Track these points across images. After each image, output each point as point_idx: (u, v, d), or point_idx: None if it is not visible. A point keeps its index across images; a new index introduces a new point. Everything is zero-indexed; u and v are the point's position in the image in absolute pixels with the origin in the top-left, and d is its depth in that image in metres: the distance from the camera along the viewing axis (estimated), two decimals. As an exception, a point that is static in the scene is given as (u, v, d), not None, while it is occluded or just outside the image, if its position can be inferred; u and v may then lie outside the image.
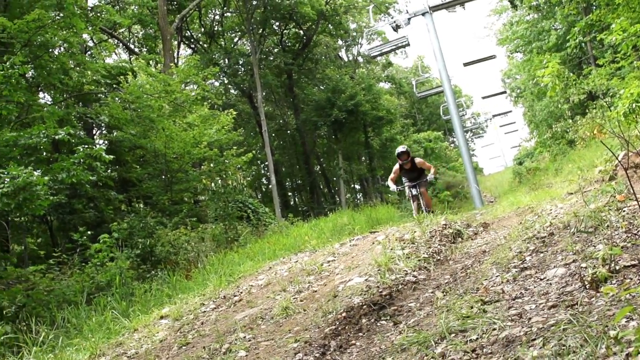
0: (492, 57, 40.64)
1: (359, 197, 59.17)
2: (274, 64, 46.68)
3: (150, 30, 39.12)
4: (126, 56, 40.04)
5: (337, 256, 9.41)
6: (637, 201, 5.40)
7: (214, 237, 18.80)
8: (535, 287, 4.98)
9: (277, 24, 45.83)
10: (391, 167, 16.04)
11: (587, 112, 28.05)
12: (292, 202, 55.95)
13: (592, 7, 28.14)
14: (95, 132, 31.37)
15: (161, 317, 8.50)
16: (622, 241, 5.39)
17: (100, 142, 29.49)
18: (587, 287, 4.46)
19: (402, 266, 7.19)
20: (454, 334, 4.31)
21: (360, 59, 56.50)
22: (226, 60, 44.44)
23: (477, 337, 4.08)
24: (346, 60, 56.18)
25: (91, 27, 23.48)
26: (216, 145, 24.64)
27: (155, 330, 7.78)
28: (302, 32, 47.02)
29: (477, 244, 8.24)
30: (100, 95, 25.80)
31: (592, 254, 5.14)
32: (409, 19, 33.13)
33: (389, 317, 5.59)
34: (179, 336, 7.14)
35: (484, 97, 56.97)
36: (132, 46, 39.99)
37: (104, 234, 15.67)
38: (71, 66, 22.98)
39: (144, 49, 40.19)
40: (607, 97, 24.61)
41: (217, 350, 5.98)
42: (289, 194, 56.13)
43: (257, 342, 5.98)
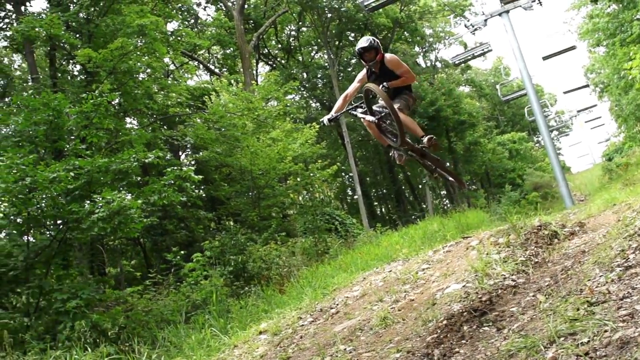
0: (573, 47, 39.65)
1: (445, 203, 58.61)
2: (353, 74, 46.69)
3: (228, 50, 39.72)
4: (207, 77, 40.73)
5: (432, 264, 9.30)
6: None
7: (304, 250, 18.85)
8: (643, 285, 4.82)
9: (353, 35, 45.83)
10: (477, 172, 14.33)
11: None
12: (379, 212, 55.78)
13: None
14: (181, 153, 31.98)
15: (260, 333, 8.54)
16: None
17: (187, 163, 30.03)
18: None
19: (500, 270, 7.06)
20: (563, 338, 4.19)
21: (438, 64, 56.07)
22: (305, 74, 44.72)
23: (589, 340, 3.96)
24: (424, 66, 55.80)
25: (172, 51, 23.95)
26: (300, 159, 24.75)
27: (255, 345, 7.82)
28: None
29: (575, 244, 8.02)
30: (184, 116, 26.27)
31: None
32: (486, 20, 32.72)
33: (491, 323, 5.48)
34: (279, 351, 7.16)
35: (566, 92, 55.62)
36: (212, 67, 40.63)
37: (196, 253, 15.89)
38: (155, 90, 23.49)
39: (224, 69, 40.82)
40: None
41: (319, 363, 5.98)
42: (375, 203, 55.99)
43: (359, 353, 5.95)
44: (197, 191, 19.85)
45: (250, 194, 23.91)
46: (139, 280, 19.31)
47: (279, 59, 46.27)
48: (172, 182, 14.02)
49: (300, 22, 44.77)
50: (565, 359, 3.83)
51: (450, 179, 8.22)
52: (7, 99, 26.58)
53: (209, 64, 40.51)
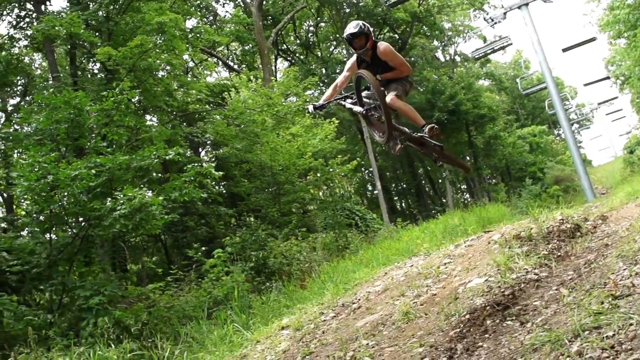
0: (593, 39, 39.34)
1: (466, 197, 58.40)
2: (371, 69, 46.54)
3: (247, 46, 39.80)
4: (226, 73, 40.84)
5: (453, 258, 9.27)
6: None
7: (325, 246, 18.85)
8: (669, 278, 4.78)
9: (372, 30, 45.69)
10: (498, 165, 13.75)
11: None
12: (399, 207, 55.69)
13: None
14: (201, 150, 32.09)
15: (282, 328, 8.54)
16: None
17: (207, 160, 30.12)
18: None
19: (522, 264, 7.01)
20: (587, 331, 4.17)
21: (457, 58, 55.89)
22: (323, 69, 44.65)
23: (614, 334, 3.93)
24: (443, 60, 55.61)
25: (191, 48, 24.01)
26: (320, 154, 24.76)
27: (277, 341, 7.83)
28: (397, 36, 46.78)
29: (597, 238, 7.96)
30: (204, 113, 26.34)
31: None
32: (505, 13, 32.57)
33: (514, 317, 5.45)
34: (301, 346, 7.16)
35: (586, 84, 55.13)
36: (231, 63, 40.75)
37: (216, 249, 15.92)
38: (175, 87, 23.58)
39: (243, 65, 40.92)
40: None
41: (341, 358, 5.98)
42: (395, 198, 55.87)
43: (381, 348, 5.95)
44: (218, 187, 19.90)
45: (270, 189, 23.95)
46: (161, 276, 19.38)
47: (297, 55, 46.29)
48: (193, 178, 14.06)
49: (318, 18, 44.75)
50: (590, 352, 3.81)
51: (455, 165, 8.26)
52: (28, 98, 26.81)
53: (228, 61, 40.66)
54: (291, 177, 23.62)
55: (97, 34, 22.16)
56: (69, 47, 22.96)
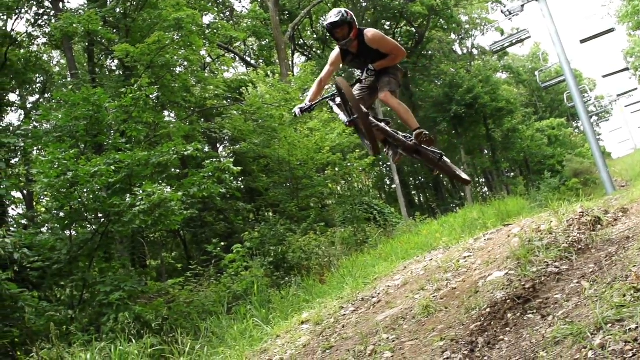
0: (611, 30, 39.03)
1: (484, 190, 58.22)
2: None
3: (264, 41, 39.80)
4: (243, 69, 40.89)
5: (473, 251, 9.25)
6: None
7: (343, 240, 18.85)
8: (691, 270, 4.74)
9: (388, 23, 45.56)
10: (516, 159, 13.55)
11: None
12: (417, 201, 55.60)
13: None
14: (218, 145, 32.18)
15: (302, 323, 8.56)
16: None
17: (225, 155, 30.19)
18: None
19: (543, 257, 6.97)
20: (610, 324, 4.14)
21: (475, 51, 55.64)
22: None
23: (637, 326, 3.90)
24: (460, 53, 55.39)
25: (208, 44, 24.07)
26: (338, 149, 24.74)
27: (297, 335, 7.85)
28: (414, 29, 46.65)
29: (618, 230, 7.89)
30: (222, 109, 26.40)
31: None
32: (522, 6, 32.38)
33: (535, 310, 5.42)
34: (321, 340, 7.17)
35: (605, 76, 54.69)
36: (248, 58, 40.76)
37: (235, 244, 15.97)
38: (192, 83, 23.63)
39: (260, 60, 40.95)
40: None
41: (362, 352, 5.98)
42: (413, 192, 55.78)
43: (402, 342, 5.94)
44: (236, 183, 19.93)
45: (288, 184, 23.98)
46: (180, 272, 19.47)
47: (314, 50, 46.23)
48: (211, 174, 14.11)
49: (335, 12, 44.61)
50: (613, 345, 3.78)
51: (453, 178, 7.42)
52: (47, 95, 26.99)
53: (245, 56, 40.66)
54: (309, 172, 23.62)
55: (114, 30, 22.29)
56: (87, 44, 23.11)
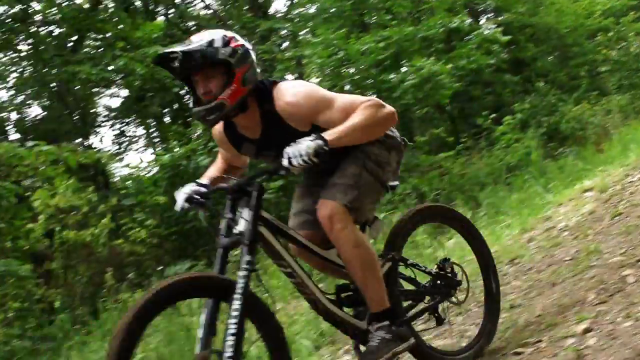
0: None
1: None
2: None
3: None
4: None
5: None
6: None
7: (620, 108, 17.92)
8: None
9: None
10: None
11: None
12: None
13: None
14: (480, 18, 31.54)
15: (584, 191, 8.31)
16: None
17: (488, 27, 29.58)
18: None
19: None
20: None
21: None
22: None
23: None
24: None
25: None
26: (610, 12, 23.30)
27: (581, 203, 7.64)
28: None
29: None
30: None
31: None
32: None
33: None
34: (609, 207, 6.92)
35: None
36: None
37: (504, 117, 15.75)
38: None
39: None
40: None
41: (654, 218, 5.73)
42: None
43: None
44: (502, 55, 19.47)
45: (557, 53, 23.07)
46: (450, 145, 19.58)
47: None
48: (479, 45, 13.91)
49: None
50: None
51: None
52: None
53: None
54: (579, 39, 22.50)
55: None
56: None
